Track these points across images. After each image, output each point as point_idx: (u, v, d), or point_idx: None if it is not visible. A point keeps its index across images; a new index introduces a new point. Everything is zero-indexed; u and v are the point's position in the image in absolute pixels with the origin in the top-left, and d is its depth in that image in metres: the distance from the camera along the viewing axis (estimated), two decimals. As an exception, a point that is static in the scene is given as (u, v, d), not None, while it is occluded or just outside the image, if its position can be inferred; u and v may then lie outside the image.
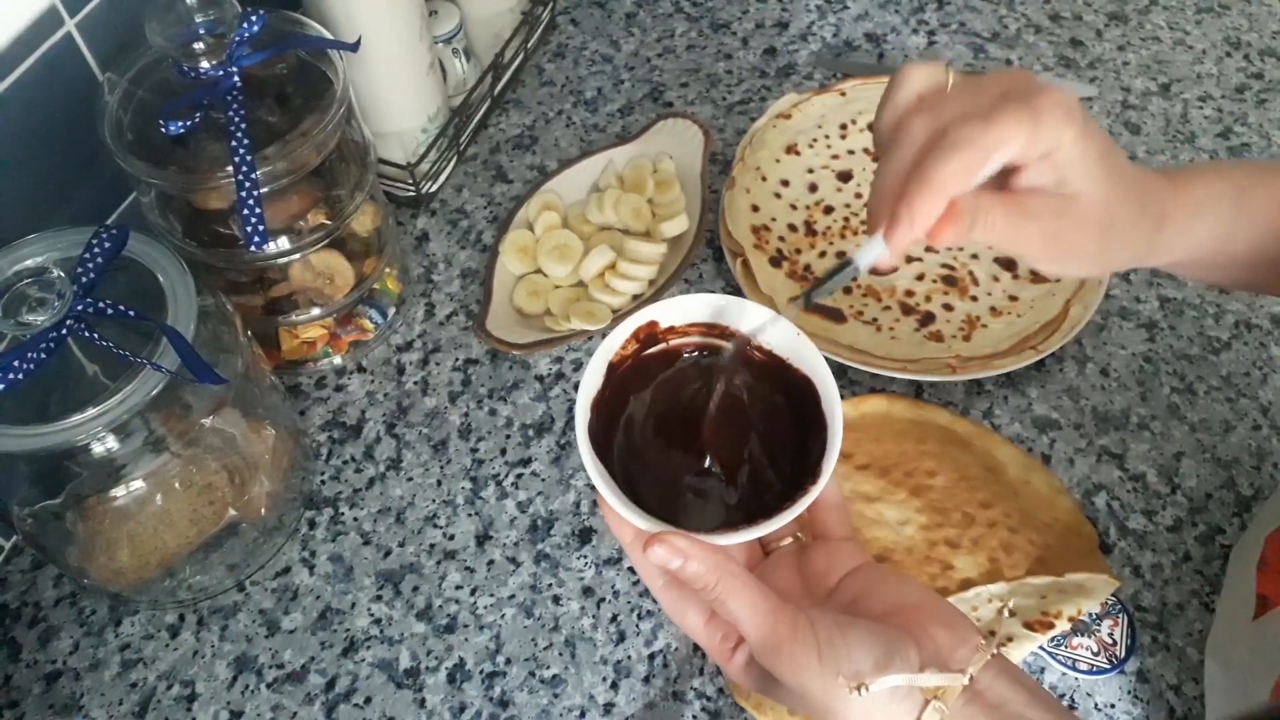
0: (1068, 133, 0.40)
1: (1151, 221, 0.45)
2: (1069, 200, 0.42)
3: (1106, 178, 0.42)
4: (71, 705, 0.61)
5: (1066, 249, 0.43)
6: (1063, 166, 0.41)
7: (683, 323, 0.49)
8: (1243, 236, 0.48)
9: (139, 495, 0.56)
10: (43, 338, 0.49)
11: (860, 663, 0.39)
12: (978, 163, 0.39)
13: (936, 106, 0.41)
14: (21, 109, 0.60)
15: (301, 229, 0.66)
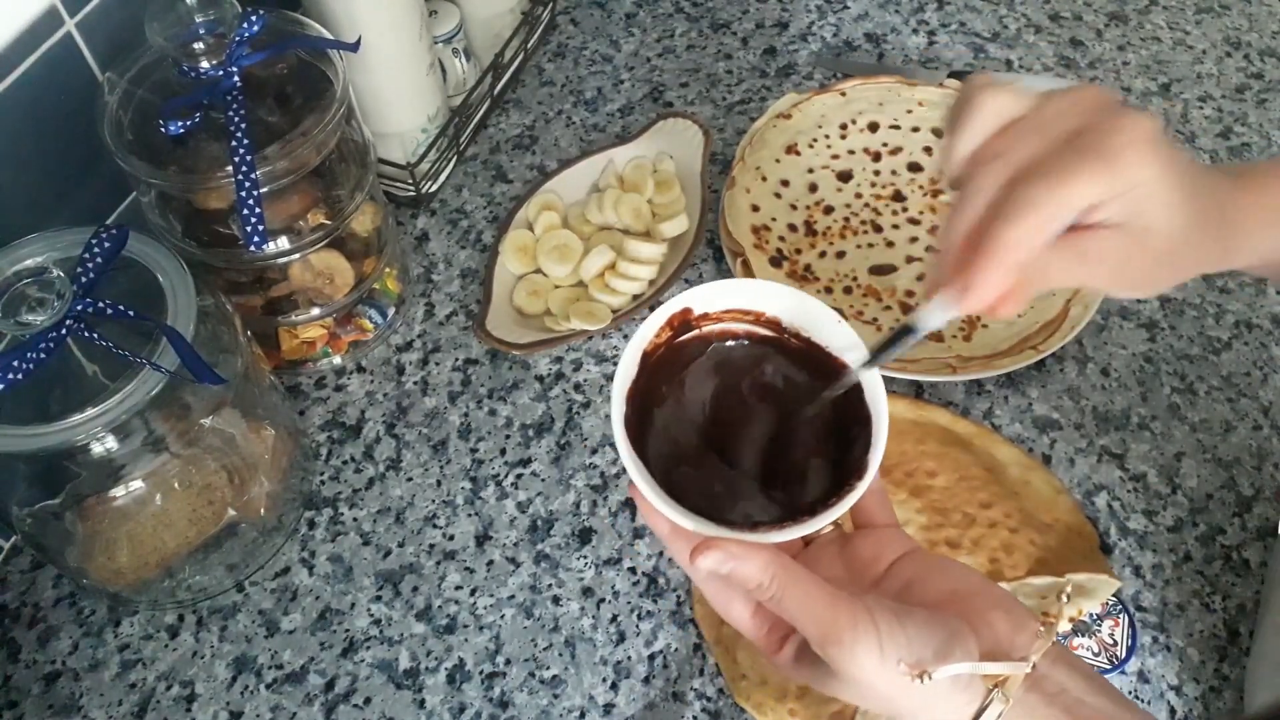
0: (1146, 173, 0.37)
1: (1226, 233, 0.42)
2: (1141, 233, 0.39)
3: (1185, 208, 0.39)
4: (71, 706, 0.61)
5: (1138, 279, 0.41)
6: (1140, 201, 0.38)
7: (717, 309, 0.47)
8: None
9: (138, 495, 0.56)
10: (42, 338, 0.49)
11: (921, 651, 0.38)
12: (1049, 226, 0.37)
13: (1006, 150, 0.38)
14: (21, 109, 0.60)
15: (301, 229, 0.66)
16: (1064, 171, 0.36)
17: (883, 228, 0.79)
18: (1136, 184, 0.37)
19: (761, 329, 0.48)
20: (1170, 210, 0.39)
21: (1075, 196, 0.37)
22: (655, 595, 0.63)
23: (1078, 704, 0.39)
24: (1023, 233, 0.37)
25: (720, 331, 0.48)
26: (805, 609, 0.39)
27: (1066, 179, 0.36)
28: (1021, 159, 0.38)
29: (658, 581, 0.64)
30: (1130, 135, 0.37)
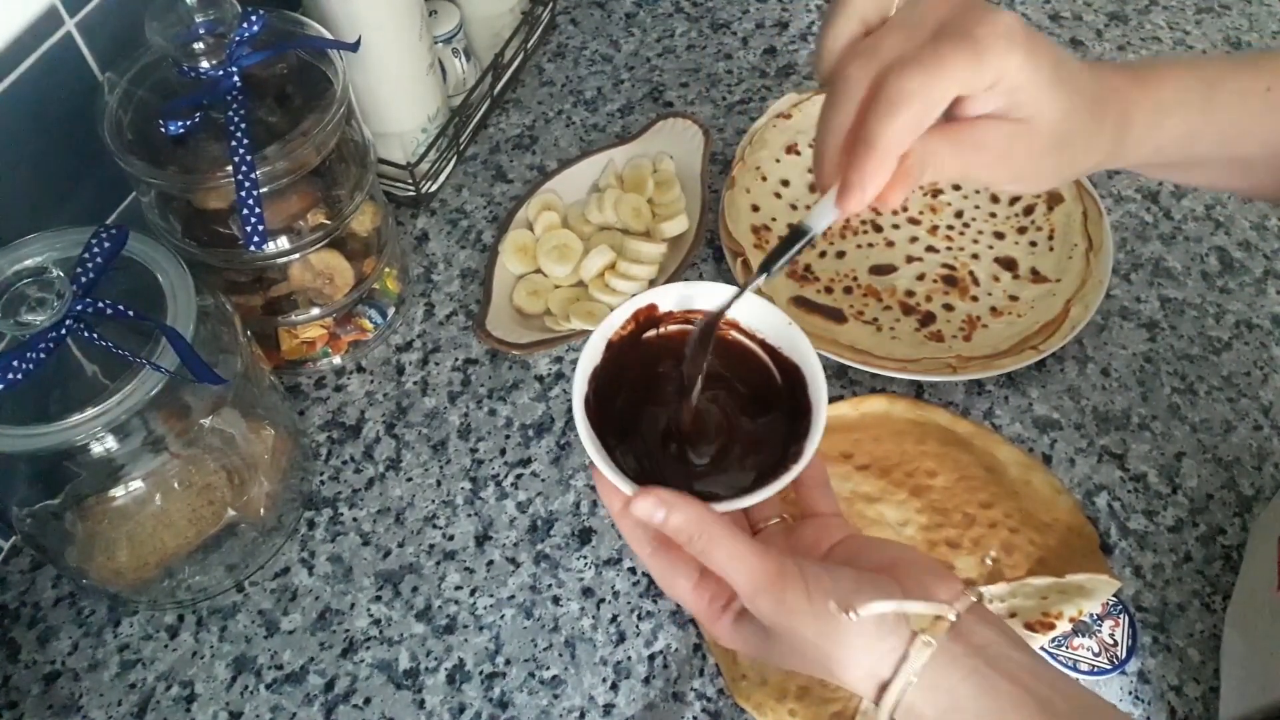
0: (1012, 60, 0.38)
1: (1113, 126, 0.43)
2: (1021, 124, 0.40)
3: (1059, 95, 0.40)
4: (70, 706, 0.61)
5: (1023, 169, 0.42)
6: (1011, 92, 0.39)
7: (681, 309, 0.50)
8: (1210, 135, 0.46)
9: (138, 495, 0.56)
10: (42, 338, 0.49)
11: (847, 594, 0.40)
12: (923, 116, 0.38)
13: (875, 45, 0.39)
14: (21, 109, 0.60)
15: (301, 229, 0.66)
16: (932, 61, 0.37)
17: (882, 227, 0.79)
18: (1005, 71, 0.38)
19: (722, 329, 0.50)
20: (1045, 97, 0.40)
21: (944, 84, 0.37)
22: (655, 595, 0.63)
23: (1001, 657, 0.40)
24: (897, 126, 0.37)
25: (680, 331, 0.50)
26: (735, 560, 0.40)
27: (935, 69, 0.37)
28: (890, 53, 0.38)
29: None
30: (994, 27, 0.38)
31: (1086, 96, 0.42)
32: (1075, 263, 0.74)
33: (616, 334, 0.49)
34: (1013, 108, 0.40)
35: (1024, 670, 0.40)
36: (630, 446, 0.48)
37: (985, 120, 0.40)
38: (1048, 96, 0.40)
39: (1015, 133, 0.40)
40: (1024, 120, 0.40)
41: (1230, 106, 0.45)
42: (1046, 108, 0.40)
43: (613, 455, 0.45)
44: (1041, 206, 0.78)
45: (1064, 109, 0.40)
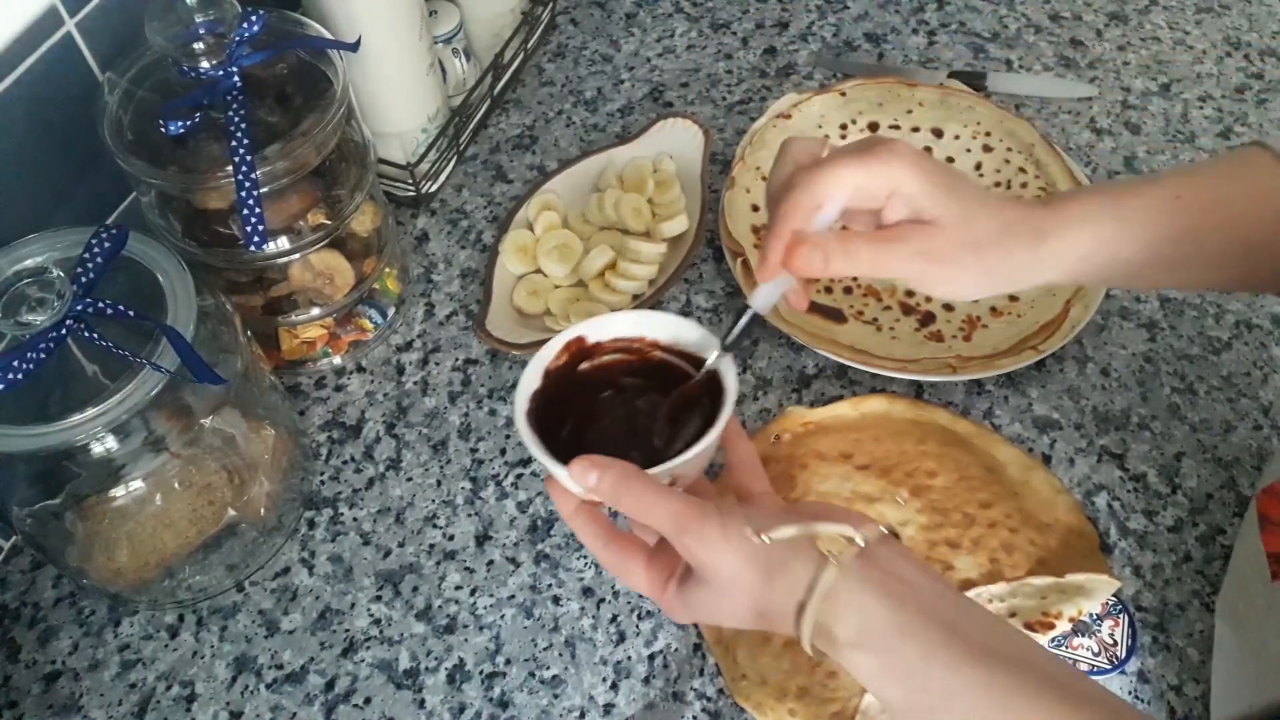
0: (900, 168, 0.46)
1: (1028, 240, 0.48)
2: (930, 226, 0.47)
3: (958, 202, 0.47)
4: (71, 706, 0.61)
5: (945, 267, 0.48)
6: (911, 199, 0.47)
7: (607, 336, 0.56)
8: (1128, 242, 0.49)
9: (138, 495, 0.56)
10: (42, 338, 0.49)
11: (761, 522, 0.44)
12: (810, 199, 0.47)
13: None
14: (21, 109, 0.60)
15: (301, 229, 0.66)
16: (825, 161, 0.47)
17: (883, 228, 0.79)
18: (896, 179, 0.46)
19: (646, 354, 0.56)
20: (943, 201, 0.47)
21: (834, 177, 0.47)
22: (655, 595, 0.63)
23: (911, 582, 0.43)
24: (790, 205, 0.47)
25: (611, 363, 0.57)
26: (660, 506, 0.45)
27: (826, 165, 0.47)
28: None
29: (658, 581, 0.64)
30: (885, 146, 0.47)
31: (989, 209, 0.48)
32: (1075, 263, 0.74)
33: (552, 363, 0.55)
34: (918, 213, 0.47)
35: (934, 595, 0.43)
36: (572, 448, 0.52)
37: (901, 224, 0.48)
38: (944, 201, 0.47)
39: (927, 233, 0.47)
40: (931, 223, 0.47)
41: (1136, 215, 0.49)
42: (945, 211, 0.47)
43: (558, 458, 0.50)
44: (1041, 206, 0.78)
45: (964, 212, 0.47)
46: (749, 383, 0.73)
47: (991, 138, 0.82)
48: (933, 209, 0.47)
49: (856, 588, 0.43)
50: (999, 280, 0.49)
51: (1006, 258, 0.48)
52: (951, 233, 0.47)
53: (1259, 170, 0.49)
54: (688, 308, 0.77)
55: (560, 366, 0.57)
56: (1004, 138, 0.82)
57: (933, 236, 0.47)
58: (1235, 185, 0.50)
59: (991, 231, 0.48)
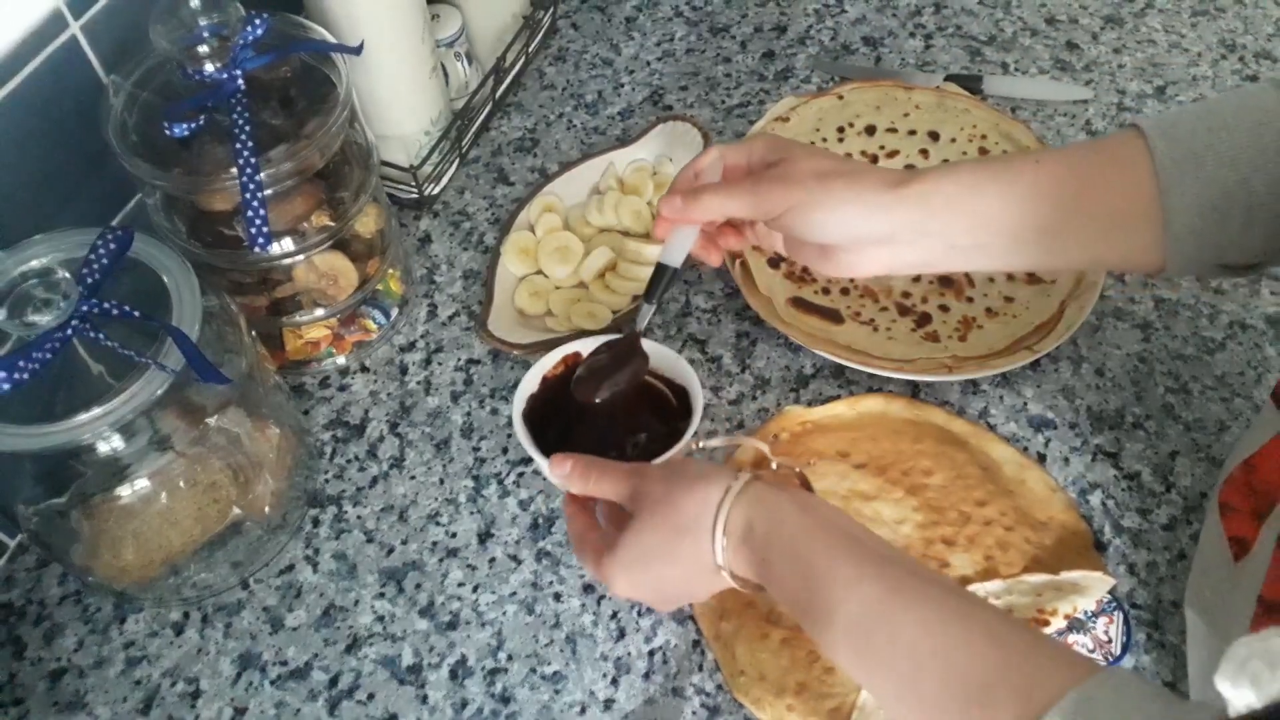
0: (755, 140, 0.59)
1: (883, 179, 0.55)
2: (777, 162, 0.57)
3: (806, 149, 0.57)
4: (76, 703, 0.61)
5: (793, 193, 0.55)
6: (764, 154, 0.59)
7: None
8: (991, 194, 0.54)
9: (144, 494, 0.56)
10: (48, 338, 0.50)
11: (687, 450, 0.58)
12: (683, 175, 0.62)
13: None
14: (27, 111, 0.61)
15: (305, 230, 0.66)
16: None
17: (880, 229, 0.79)
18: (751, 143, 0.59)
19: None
20: (786, 148, 0.57)
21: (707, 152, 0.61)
22: (655, 593, 0.64)
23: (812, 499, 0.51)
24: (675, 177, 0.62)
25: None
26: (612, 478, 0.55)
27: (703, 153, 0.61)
28: None
29: (657, 579, 0.65)
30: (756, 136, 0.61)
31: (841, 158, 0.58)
32: (1070, 264, 0.75)
33: (550, 372, 0.66)
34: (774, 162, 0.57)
35: (836, 512, 0.50)
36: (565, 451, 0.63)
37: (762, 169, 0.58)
38: (792, 147, 0.58)
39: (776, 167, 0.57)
40: (779, 161, 0.57)
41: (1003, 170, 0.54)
42: (792, 150, 0.57)
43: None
44: (1037, 208, 0.78)
45: (810, 153, 0.57)
46: (747, 382, 0.73)
47: (987, 140, 0.83)
48: (782, 154, 0.57)
49: (770, 491, 0.50)
50: (847, 209, 0.54)
51: (855, 187, 0.54)
52: (799, 165, 0.55)
53: (1124, 145, 0.52)
54: (687, 308, 0.78)
55: (557, 375, 0.66)
56: (1000, 140, 0.83)
57: (781, 169, 0.56)
58: (1097, 155, 0.54)
59: (838, 166, 0.56)
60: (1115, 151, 0.53)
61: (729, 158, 0.60)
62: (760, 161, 0.59)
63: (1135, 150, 0.52)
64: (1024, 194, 0.53)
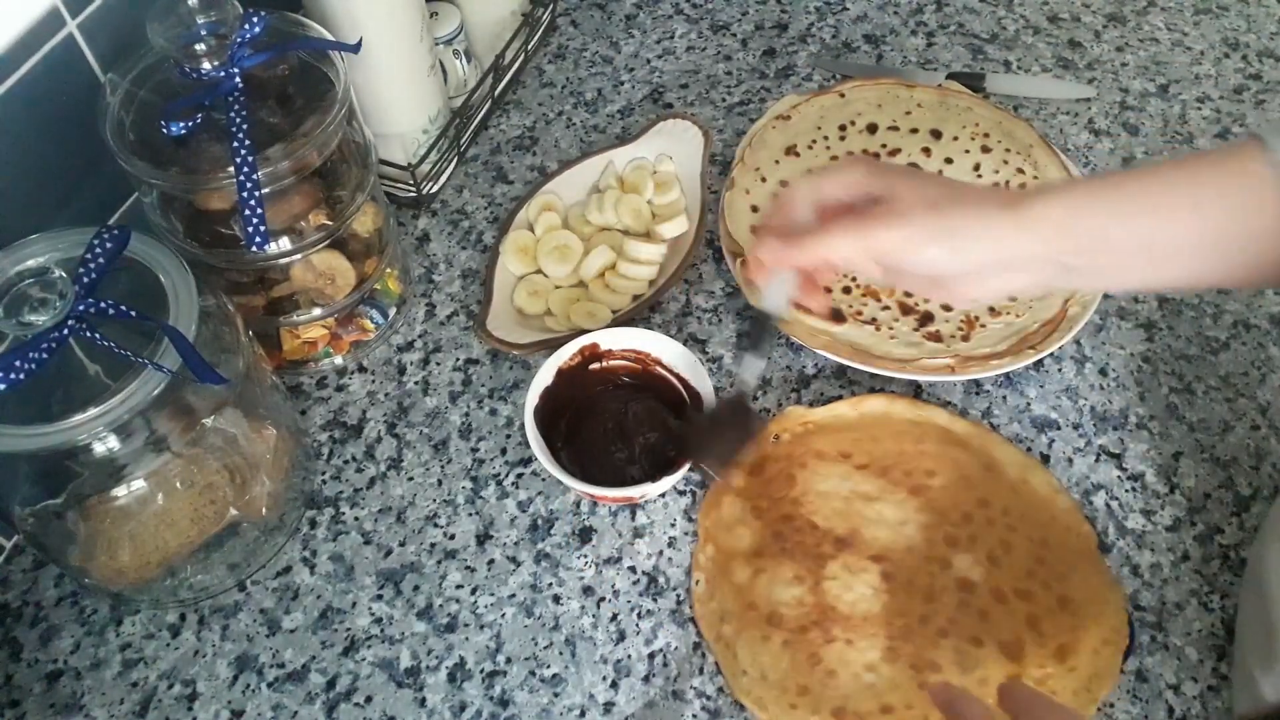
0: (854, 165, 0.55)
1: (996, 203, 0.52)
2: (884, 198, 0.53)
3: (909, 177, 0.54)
4: (72, 705, 0.61)
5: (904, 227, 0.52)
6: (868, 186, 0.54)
7: (619, 347, 0.69)
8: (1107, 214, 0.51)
9: (140, 495, 0.56)
10: (44, 338, 0.50)
11: None
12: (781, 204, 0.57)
13: None
14: (23, 110, 0.60)
15: (303, 229, 0.66)
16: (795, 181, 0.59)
17: (882, 228, 0.79)
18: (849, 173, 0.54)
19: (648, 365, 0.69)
20: (890, 179, 0.53)
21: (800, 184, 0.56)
22: (655, 594, 0.64)
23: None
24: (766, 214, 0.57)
25: (618, 367, 0.70)
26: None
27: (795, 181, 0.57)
28: None
29: (658, 580, 0.64)
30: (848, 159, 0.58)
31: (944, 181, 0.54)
32: (1073, 263, 0.74)
33: (565, 364, 0.67)
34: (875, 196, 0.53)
35: None
36: (573, 447, 0.67)
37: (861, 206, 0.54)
38: (895, 178, 0.53)
39: (883, 204, 0.53)
40: (884, 195, 0.53)
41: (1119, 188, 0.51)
42: (897, 183, 0.53)
43: (557, 453, 0.64)
44: (1040, 207, 0.78)
45: (918, 183, 0.53)
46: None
47: (990, 139, 0.83)
48: (885, 186, 0.53)
49: None
50: (963, 240, 0.51)
51: (969, 215, 0.51)
52: (905, 197, 0.52)
53: (1246, 158, 0.49)
54: (687, 308, 0.77)
55: (571, 367, 0.67)
56: (1002, 139, 0.82)
57: (888, 204, 0.52)
58: (1217, 170, 0.50)
59: (947, 191, 0.52)
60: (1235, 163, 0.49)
61: (825, 191, 0.55)
62: (861, 193, 0.54)
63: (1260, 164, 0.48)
64: (1135, 209, 0.50)
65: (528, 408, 0.64)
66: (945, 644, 0.59)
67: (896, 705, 0.57)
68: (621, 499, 0.65)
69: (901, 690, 0.58)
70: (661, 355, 0.68)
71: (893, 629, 0.60)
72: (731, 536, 0.64)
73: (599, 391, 0.69)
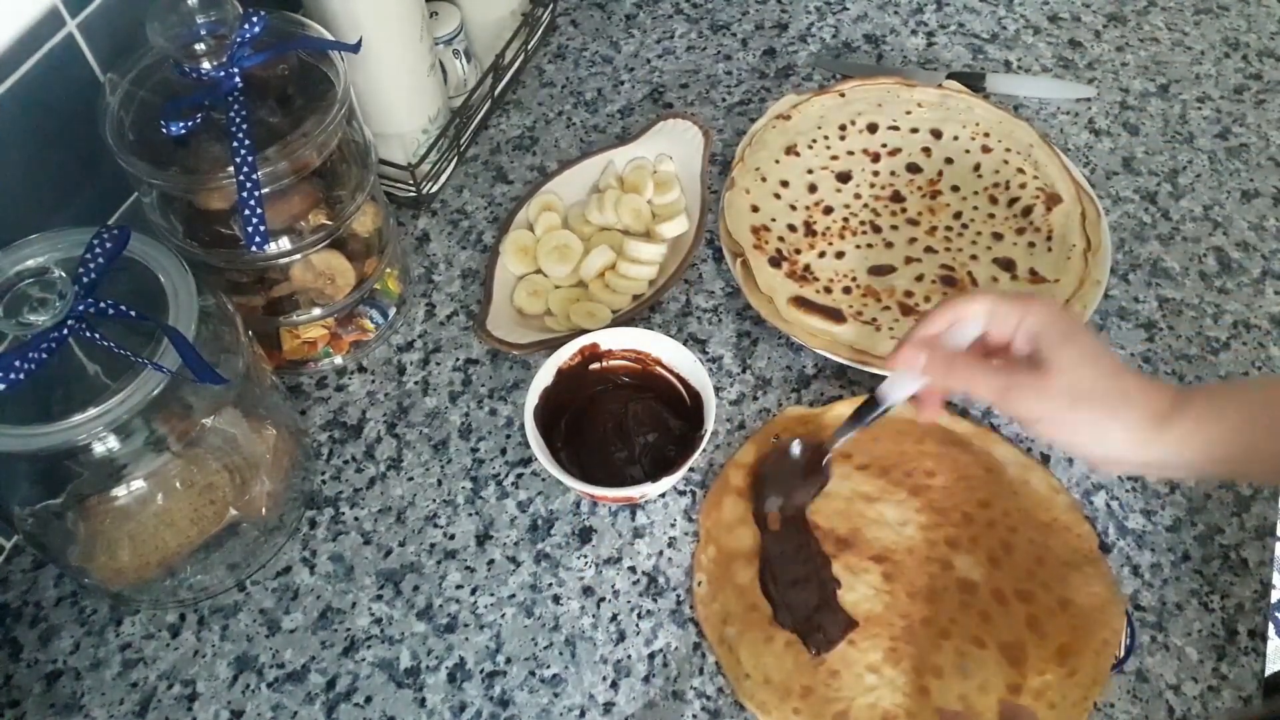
0: (1034, 305, 0.52)
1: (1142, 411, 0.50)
2: (1039, 367, 0.51)
3: (1073, 352, 0.50)
4: (72, 705, 0.61)
5: (1047, 407, 0.50)
6: (1033, 336, 0.51)
7: (619, 347, 0.69)
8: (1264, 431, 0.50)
9: (140, 495, 0.56)
10: (44, 338, 0.50)
11: None
12: (952, 310, 0.53)
13: None
14: (23, 110, 0.60)
15: (302, 229, 0.66)
16: (973, 294, 0.54)
17: (882, 228, 0.79)
18: (1025, 309, 0.52)
19: (648, 365, 0.69)
20: (1056, 352, 0.50)
21: (974, 296, 0.53)
22: (655, 594, 0.64)
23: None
24: (934, 313, 0.54)
25: (618, 366, 0.70)
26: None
27: (971, 296, 0.54)
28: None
29: (658, 581, 0.64)
30: (1040, 298, 0.52)
31: (1105, 372, 0.51)
32: (1074, 263, 0.74)
33: (565, 364, 0.67)
34: (1035, 352, 0.51)
35: None
36: (573, 447, 0.67)
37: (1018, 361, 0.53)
38: (1060, 346, 0.50)
39: (1035, 373, 0.50)
40: (1042, 364, 0.50)
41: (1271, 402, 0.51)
42: (1057, 355, 0.50)
43: (557, 453, 0.64)
44: (1040, 207, 0.78)
45: (1075, 366, 0.50)
46: (748, 382, 0.73)
47: (990, 138, 0.83)
48: (1047, 349, 0.50)
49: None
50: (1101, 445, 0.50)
51: (1115, 420, 0.50)
52: (1062, 373, 0.50)
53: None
54: (687, 308, 0.77)
55: (571, 367, 0.67)
56: (1003, 138, 0.82)
57: (1043, 372, 0.50)
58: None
59: (1100, 388, 0.50)
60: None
61: (995, 322, 0.53)
62: (1025, 340, 0.52)
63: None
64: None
65: (527, 408, 0.64)
66: (947, 646, 0.59)
67: (899, 715, 0.57)
68: (621, 499, 0.65)
69: (903, 694, 0.57)
70: (661, 355, 0.68)
71: (895, 630, 0.60)
72: (733, 537, 0.64)
73: (599, 391, 0.69)
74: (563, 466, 0.63)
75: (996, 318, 0.53)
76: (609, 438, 0.67)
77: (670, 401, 0.68)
